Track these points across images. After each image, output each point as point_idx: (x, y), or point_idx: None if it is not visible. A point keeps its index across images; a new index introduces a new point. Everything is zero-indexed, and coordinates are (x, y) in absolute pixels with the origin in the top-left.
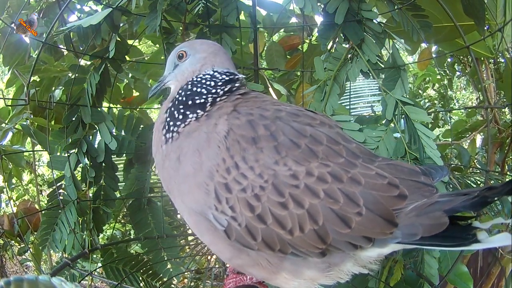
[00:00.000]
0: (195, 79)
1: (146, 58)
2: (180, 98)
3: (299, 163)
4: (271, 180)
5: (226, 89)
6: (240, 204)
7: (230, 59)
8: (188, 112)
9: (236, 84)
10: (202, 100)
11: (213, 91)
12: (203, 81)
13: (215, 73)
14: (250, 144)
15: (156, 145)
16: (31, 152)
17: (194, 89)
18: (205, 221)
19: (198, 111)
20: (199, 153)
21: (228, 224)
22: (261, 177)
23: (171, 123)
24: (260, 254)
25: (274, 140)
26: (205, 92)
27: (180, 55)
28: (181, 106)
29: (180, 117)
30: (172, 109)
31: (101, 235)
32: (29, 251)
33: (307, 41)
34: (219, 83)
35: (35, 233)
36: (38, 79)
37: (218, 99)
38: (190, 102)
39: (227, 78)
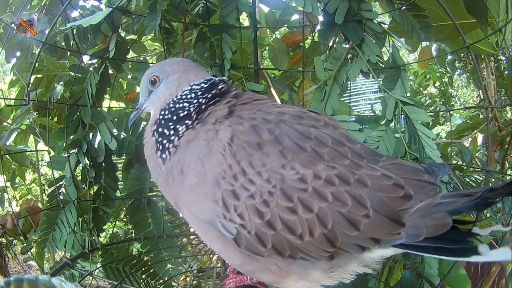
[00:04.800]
0: (175, 99)
1: (147, 57)
2: (165, 117)
3: (306, 166)
4: (279, 185)
5: (210, 95)
6: (248, 211)
7: (203, 70)
8: (178, 126)
9: (219, 87)
10: (186, 112)
11: (195, 101)
12: (183, 97)
13: (193, 87)
14: (255, 149)
15: (154, 170)
16: (34, 152)
17: (177, 105)
18: (213, 230)
19: (187, 121)
20: (201, 161)
21: (237, 232)
22: (269, 182)
23: (164, 141)
24: (269, 260)
25: (279, 144)
26: (187, 105)
27: (153, 80)
28: (169, 123)
29: (172, 132)
30: (160, 129)
31: (103, 234)
32: (32, 250)
33: (309, 38)
34: (199, 93)
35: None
36: (39, 76)
37: (204, 106)
38: (175, 118)
39: (206, 86)
